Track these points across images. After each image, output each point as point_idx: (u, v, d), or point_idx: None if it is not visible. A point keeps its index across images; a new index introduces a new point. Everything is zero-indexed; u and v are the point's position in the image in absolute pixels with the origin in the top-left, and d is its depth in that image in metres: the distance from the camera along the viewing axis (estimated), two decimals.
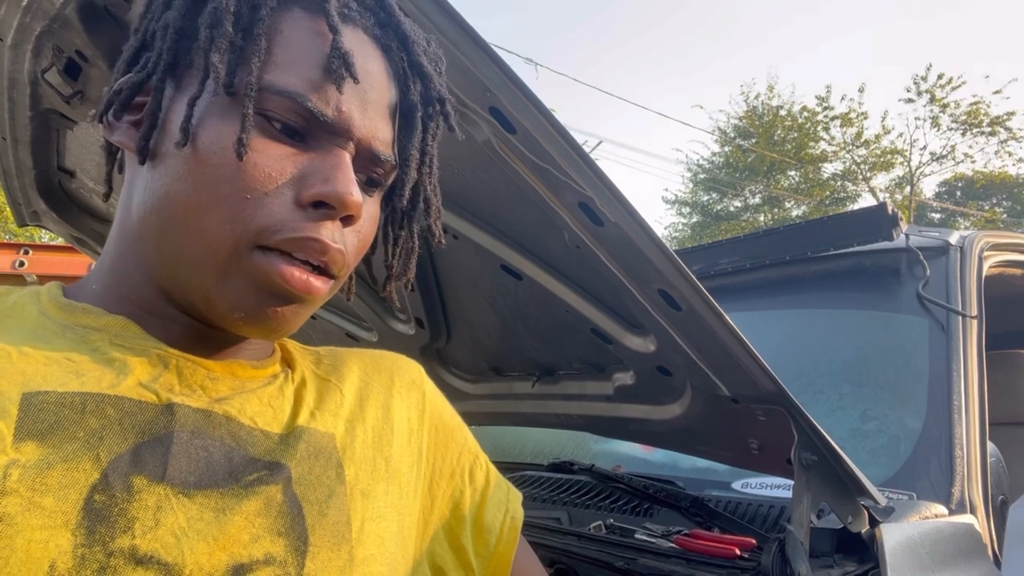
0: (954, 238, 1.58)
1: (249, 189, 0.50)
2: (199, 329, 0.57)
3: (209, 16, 0.51)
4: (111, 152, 0.62)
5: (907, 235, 1.57)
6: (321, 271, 0.53)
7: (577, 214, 0.83)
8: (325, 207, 0.52)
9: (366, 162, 0.56)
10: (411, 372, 0.72)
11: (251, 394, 0.56)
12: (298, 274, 0.51)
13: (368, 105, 0.55)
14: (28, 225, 1.48)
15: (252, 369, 0.59)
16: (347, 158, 0.53)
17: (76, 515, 0.43)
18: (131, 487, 0.46)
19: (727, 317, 0.82)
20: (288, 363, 0.64)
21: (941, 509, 1.08)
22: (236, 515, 0.49)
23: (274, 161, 0.51)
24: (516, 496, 0.76)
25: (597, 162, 0.78)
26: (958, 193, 22.90)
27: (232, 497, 0.50)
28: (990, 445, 1.26)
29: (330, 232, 0.52)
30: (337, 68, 0.51)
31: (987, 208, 21.81)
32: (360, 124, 0.54)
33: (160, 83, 0.53)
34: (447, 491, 0.70)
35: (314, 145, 0.53)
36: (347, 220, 0.54)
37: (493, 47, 0.72)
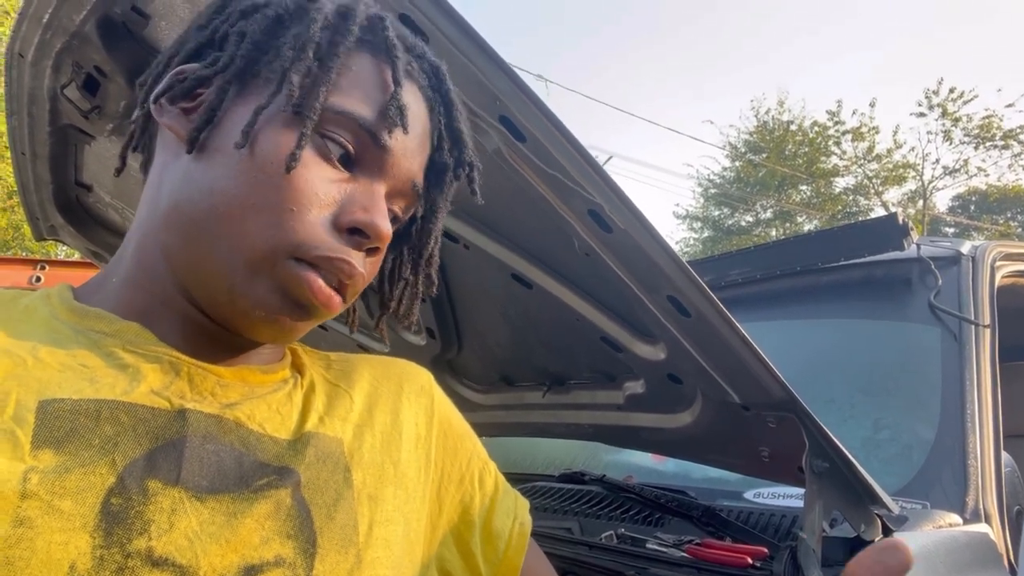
0: (966, 248, 1.57)
1: (295, 202, 0.53)
2: (210, 329, 0.58)
3: (293, 39, 0.55)
4: (143, 132, 0.63)
5: (918, 245, 1.56)
6: (339, 291, 0.56)
7: (586, 221, 0.84)
8: (360, 234, 0.56)
9: (393, 202, 0.61)
10: (420, 378, 0.73)
11: (260, 400, 0.57)
12: (325, 289, 0.55)
13: (408, 152, 0.60)
14: (46, 239, 1.50)
15: (262, 374, 0.60)
16: (383, 192, 0.58)
17: (94, 518, 0.44)
18: (147, 490, 0.47)
19: (736, 323, 0.83)
20: (298, 368, 0.65)
21: (955, 518, 1.07)
22: (247, 518, 0.50)
23: (321, 182, 0.55)
24: (524, 504, 0.76)
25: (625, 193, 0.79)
26: (972, 207, 22.77)
27: (243, 501, 0.50)
28: (1005, 455, 1.25)
29: (359, 258, 0.56)
30: (393, 116, 0.57)
31: (1001, 222, 21.66)
32: (399, 165, 0.59)
33: (226, 84, 0.56)
34: (456, 496, 0.70)
35: (357, 175, 0.57)
36: (372, 251, 0.58)
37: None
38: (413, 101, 0.60)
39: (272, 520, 0.51)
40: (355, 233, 0.56)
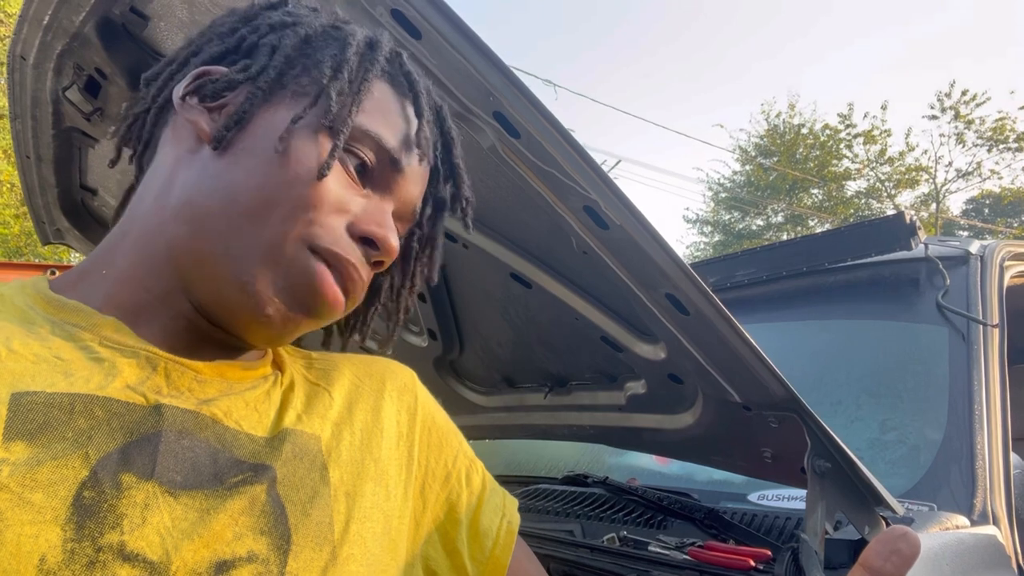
0: (974, 247, 1.56)
1: (318, 202, 0.56)
2: (201, 328, 0.57)
3: (331, 59, 0.59)
4: (153, 124, 0.63)
5: (926, 244, 1.55)
6: (343, 295, 0.59)
7: (582, 218, 0.83)
8: (370, 246, 0.59)
9: (395, 223, 0.63)
10: (403, 376, 0.72)
11: (238, 396, 0.57)
12: (334, 286, 0.57)
13: (416, 179, 0.64)
14: (52, 243, 1.51)
15: (241, 370, 0.59)
16: (390, 211, 0.62)
17: (66, 511, 0.44)
18: (120, 484, 0.46)
19: (735, 320, 0.82)
20: (278, 365, 0.64)
21: (963, 520, 1.05)
22: (220, 514, 0.49)
23: (343, 189, 0.58)
24: (512, 502, 0.76)
25: (616, 181, 0.78)
26: (986, 210, 22.59)
27: (216, 498, 0.50)
28: (1014, 456, 1.23)
29: (365, 267, 0.60)
30: (423, 144, 0.63)
31: (1016, 225, 21.45)
32: (407, 189, 0.63)
33: (257, 90, 0.58)
34: (442, 494, 0.70)
35: (370, 192, 0.61)
36: (378, 264, 0.61)
37: (512, 69, 0.73)
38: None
39: (246, 516, 0.51)
40: (366, 244, 0.59)
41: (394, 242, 0.60)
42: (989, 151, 20.00)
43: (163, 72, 0.63)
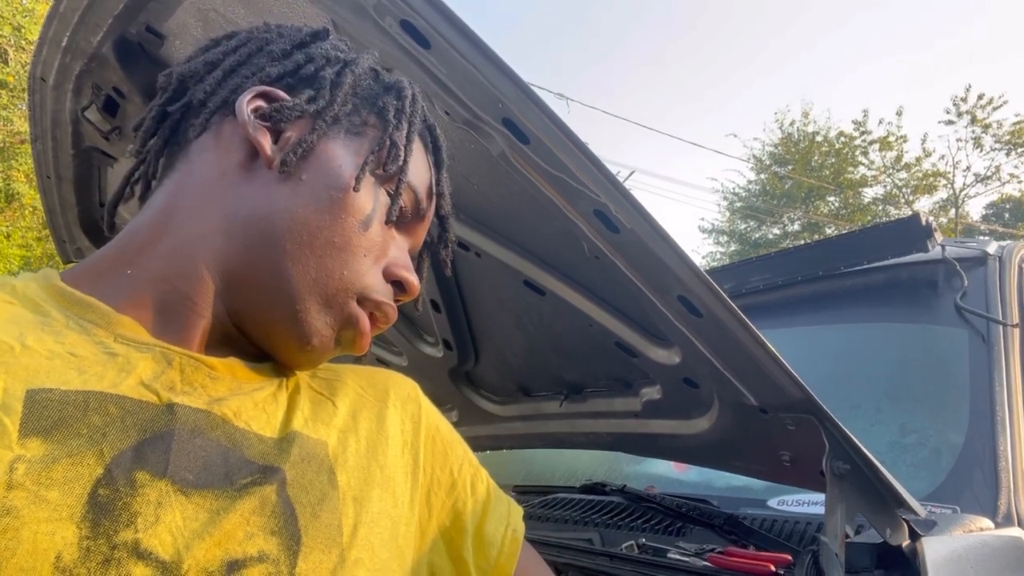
0: (992, 248, 1.54)
1: (369, 250, 0.61)
2: (224, 329, 0.59)
3: (394, 109, 0.64)
4: (203, 127, 0.62)
5: (943, 246, 1.53)
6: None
7: (593, 222, 0.83)
8: (399, 287, 0.65)
9: None
10: (406, 387, 0.73)
11: (246, 397, 0.57)
12: (369, 332, 0.63)
13: (428, 224, 0.71)
14: (73, 262, 1.53)
15: (249, 370, 0.60)
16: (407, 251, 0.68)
17: (81, 508, 0.44)
18: (134, 482, 0.47)
19: (748, 321, 0.81)
20: (280, 369, 0.65)
21: (986, 522, 1.04)
22: (232, 514, 0.50)
23: (386, 236, 0.64)
24: (517, 510, 0.76)
25: (630, 192, 0.79)
26: (1006, 215, 22.30)
27: (227, 498, 0.50)
28: None
29: (394, 309, 0.65)
30: (445, 193, 0.71)
31: None
32: (420, 234, 0.70)
33: (322, 123, 0.61)
34: (447, 502, 0.70)
35: (395, 234, 0.66)
36: (398, 301, 0.66)
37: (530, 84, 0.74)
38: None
39: (257, 516, 0.51)
40: (396, 285, 0.65)
41: (418, 285, 0.66)
42: (1008, 155, 19.76)
43: (206, 75, 0.63)
